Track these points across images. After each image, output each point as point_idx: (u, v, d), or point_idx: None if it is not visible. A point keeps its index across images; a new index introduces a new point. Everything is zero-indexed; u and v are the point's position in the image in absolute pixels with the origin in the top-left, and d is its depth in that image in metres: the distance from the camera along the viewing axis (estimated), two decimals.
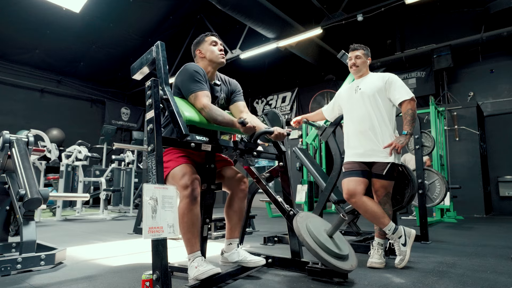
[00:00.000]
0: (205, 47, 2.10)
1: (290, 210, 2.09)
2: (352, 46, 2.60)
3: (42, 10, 8.03)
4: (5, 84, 9.55)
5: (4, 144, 2.71)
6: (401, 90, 2.39)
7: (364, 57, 2.53)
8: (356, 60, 2.53)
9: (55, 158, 5.87)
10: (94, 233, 4.19)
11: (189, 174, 1.78)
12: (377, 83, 2.44)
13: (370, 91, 2.42)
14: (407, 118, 2.35)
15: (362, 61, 2.53)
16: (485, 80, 7.99)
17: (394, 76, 2.45)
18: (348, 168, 2.43)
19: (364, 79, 2.54)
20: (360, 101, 2.45)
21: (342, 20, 7.50)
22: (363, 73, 2.55)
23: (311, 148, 6.46)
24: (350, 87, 2.60)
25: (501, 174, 7.15)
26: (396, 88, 2.40)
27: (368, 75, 2.56)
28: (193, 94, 1.89)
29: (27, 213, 2.40)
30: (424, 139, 4.45)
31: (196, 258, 1.76)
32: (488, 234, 4.00)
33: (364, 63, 2.54)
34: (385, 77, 2.44)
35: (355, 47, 2.58)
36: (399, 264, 2.24)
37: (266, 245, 3.27)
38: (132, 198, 7.15)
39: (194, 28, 10.20)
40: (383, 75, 2.49)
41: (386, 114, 2.40)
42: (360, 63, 2.52)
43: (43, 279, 2.02)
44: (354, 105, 2.49)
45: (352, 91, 2.54)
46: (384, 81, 2.42)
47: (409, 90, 2.43)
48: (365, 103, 2.42)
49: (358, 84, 2.53)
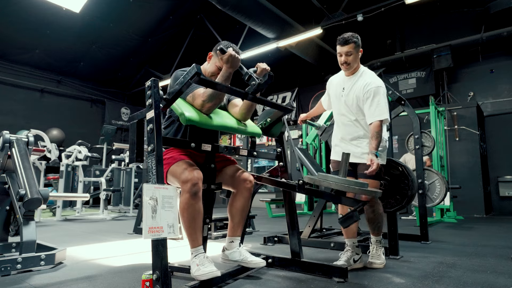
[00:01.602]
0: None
1: (299, 180, 2.04)
2: (341, 38, 2.25)
3: (42, 10, 8.03)
4: (5, 84, 9.55)
5: (4, 144, 2.71)
6: (376, 109, 2.15)
7: (355, 52, 2.24)
8: (348, 58, 2.24)
9: (55, 158, 5.86)
10: (94, 233, 4.19)
11: (190, 169, 1.78)
12: (358, 92, 2.24)
13: (352, 100, 2.27)
14: (378, 139, 2.12)
15: (354, 57, 2.25)
16: (485, 80, 7.99)
17: (376, 89, 2.18)
18: (334, 168, 2.44)
19: (352, 79, 2.31)
20: (343, 108, 2.34)
21: (342, 20, 7.50)
22: (354, 68, 2.30)
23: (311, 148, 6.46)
24: (339, 84, 2.40)
25: (501, 174, 7.15)
26: (372, 104, 2.17)
27: (357, 74, 2.31)
28: (190, 95, 1.90)
29: (27, 213, 2.40)
30: (424, 139, 4.45)
31: (198, 254, 1.77)
32: (488, 234, 4.00)
33: (356, 58, 2.26)
34: (368, 87, 2.20)
35: (344, 40, 2.23)
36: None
37: (266, 245, 3.27)
38: (132, 198, 7.15)
39: (194, 28, 10.20)
40: (369, 82, 2.22)
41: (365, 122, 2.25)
42: (352, 60, 2.25)
43: (43, 279, 2.02)
44: (339, 107, 2.38)
45: (339, 91, 2.37)
46: (364, 92, 2.21)
47: (386, 109, 2.17)
48: (346, 110, 2.32)
49: (345, 84, 2.34)
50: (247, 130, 2.10)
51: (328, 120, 3.56)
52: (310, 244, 3.19)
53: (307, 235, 3.29)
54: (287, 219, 2.27)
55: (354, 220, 1.89)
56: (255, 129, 2.19)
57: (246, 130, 2.10)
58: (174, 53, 10.67)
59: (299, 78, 11.18)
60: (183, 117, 1.76)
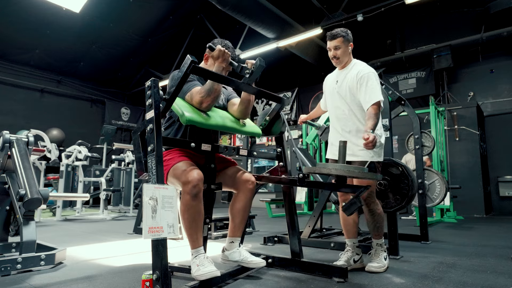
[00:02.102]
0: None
1: (299, 174, 2.03)
2: (329, 33, 2.31)
3: (42, 10, 8.03)
4: (5, 84, 9.55)
5: (4, 144, 2.71)
6: (371, 93, 2.16)
7: (344, 46, 2.27)
8: (336, 52, 2.29)
9: (55, 158, 5.86)
10: (94, 233, 4.19)
11: (190, 170, 1.78)
12: (351, 81, 2.25)
13: (345, 91, 2.27)
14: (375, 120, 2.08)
15: (343, 50, 2.28)
16: (485, 80, 7.99)
17: (368, 74, 2.21)
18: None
19: (344, 71, 2.33)
20: (337, 100, 2.32)
21: (342, 20, 7.50)
22: (345, 62, 2.33)
23: (311, 148, 6.46)
24: (333, 80, 2.42)
25: (501, 174, 7.15)
26: (366, 90, 2.18)
27: (349, 66, 2.33)
28: (188, 94, 1.91)
29: (27, 213, 2.40)
30: (424, 139, 4.46)
31: (198, 254, 1.77)
32: (488, 234, 4.00)
33: (346, 52, 2.29)
34: (359, 74, 2.22)
35: (332, 34, 2.29)
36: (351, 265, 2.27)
37: (266, 245, 3.27)
38: (132, 198, 7.15)
39: (194, 28, 10.21)
40: (359, 69, 2.25)
41: (361, 114, 2.25)
42: (340, 53, 2.28)
43: (43, 279, 2.02)
44: (334, 103, 2.37)
45: (333, 83, 2.38)
46: (357, 79, 2.22)
47: (379, 92, 2.18)
48: (341, 102, 2.31)
49: (338, 77, 2.36)
50: (247, 130, 2.10)
51: (328, 120, 3.56)
52: (310, 244, 3.19)
53: (307, 235, 3.29)
54: (287, 219, 2.27)
55: (357, 206, 1.86)
56: (255, 129, 2.19)
57: (246, 130, 2.10)
58: (174, 53, 10.67)
59: (299, 78, 11.18)
60: (183, 117, 1.76)
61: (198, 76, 2.03)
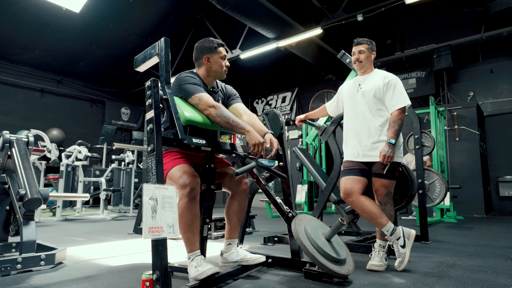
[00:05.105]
0: (215, 58, 2.06)
1: (289, 212, 2.09)
2: (356, 40, 2.49)
3: (42, 10, 8.03)
4: (5, 84, 9.54)
5: (4, 144, 2.71)
6: (399, 97, 2.30)
7: (368, 52, 2.43)
8: (360, 55, 2.43)
9: (55, 158, 5.87)
10: (94, 233, 4.19)
11: (188, 173, 1.78)
12: (378, 82, 2.36)
13: (370, 91, 2.35)
14: (395, 127, 2.25)
15: (366, 56, 2.42)
16: (485, 80, 7.99)
17: (396, 80, 2.35)
18: (346, 167, 2.40)
19: (367, 77, 2.44)
20: (361, 101, 2.39)
21: (342, 20, 7.50)
22: (366, 69, 2.46)
23: (311, 148, 6.46)
24: (352, 84, 2.50)
25: (501, 174, 7.15)
26: (394, 94, 2.30)
27: (371, 73, 2.46)
28: (197, 95, 1.87)
29: (27, 213, 2.40)
30: (424, 139, 4.45)
31: (195, 257, 1.77)
32: (488, 234, 4.00)
33: (368, 58, 2.44)
34: (387, 78, 2.35)
35: (358, 41, 2.46)
36: (398, 266, 2.17)
37: (266, 245, 3.27)
38: (132, 198, 7.15)
39: (194, 28, 10.20)
40: (386, 75, 2.39)
41: (385, 115, 2.34)
42: (363, 58, 2.42)
43: (43, 279, 2.02)
44: (355, 104, 2.43)
45: (354, 89, 2.46)
46: (384, 82, 2.34)
47: (407, 96, 2.33)
48: (365, 104, 2.37)
49: (360, 82, 2.45)
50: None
51: (328, 121, 3.56)
52: None
53: None
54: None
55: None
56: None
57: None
58: (174, 53, 10.66)
59: (299, 78, 11.19)
60: (183, 117, 1.76)
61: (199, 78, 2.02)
